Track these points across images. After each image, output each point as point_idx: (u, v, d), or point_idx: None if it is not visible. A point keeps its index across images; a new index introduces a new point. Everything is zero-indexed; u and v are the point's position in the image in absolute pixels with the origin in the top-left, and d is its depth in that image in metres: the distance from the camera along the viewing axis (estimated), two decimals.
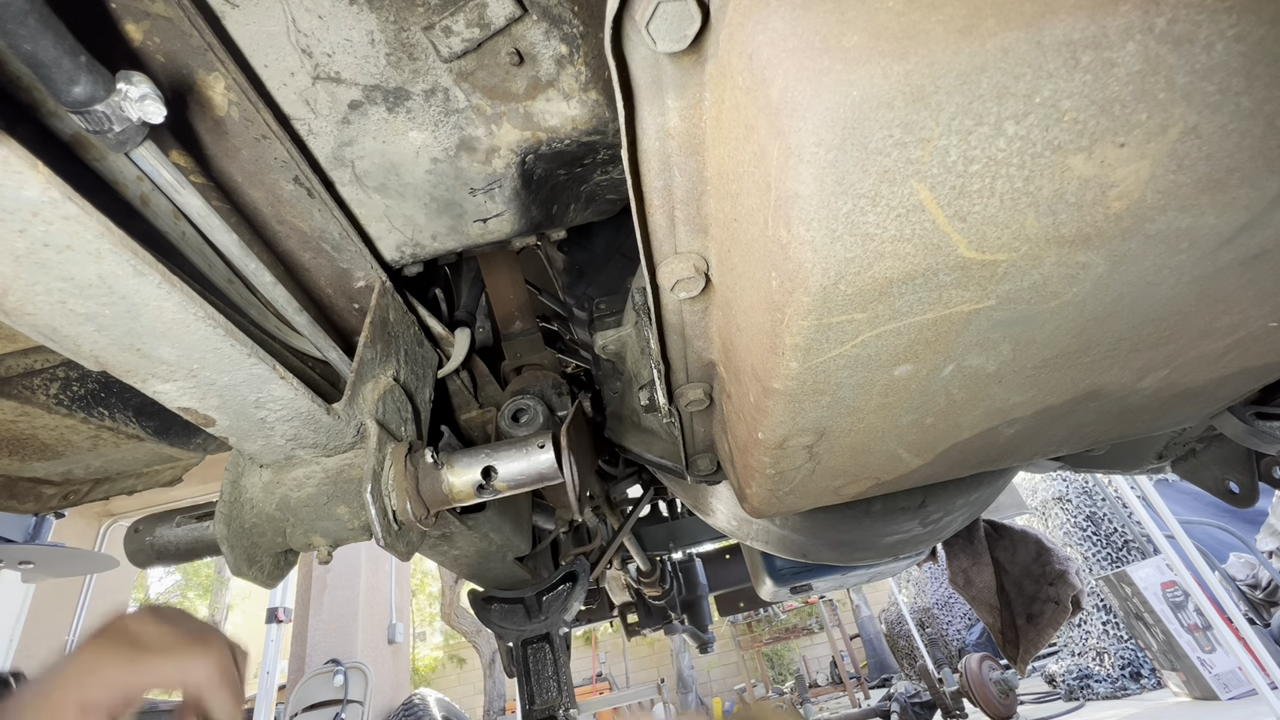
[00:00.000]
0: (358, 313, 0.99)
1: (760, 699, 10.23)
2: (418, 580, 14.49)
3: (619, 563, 3.73)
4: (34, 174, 0.46)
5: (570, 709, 1.65)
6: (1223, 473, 1.38)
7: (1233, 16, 0.39)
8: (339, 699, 5.93)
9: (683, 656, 11.67)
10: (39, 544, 3.20)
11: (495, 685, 9.83)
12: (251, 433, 0.73)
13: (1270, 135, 0.45)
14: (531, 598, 1.67)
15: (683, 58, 0.48)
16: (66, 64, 0.49)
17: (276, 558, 0.84)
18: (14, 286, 0.50)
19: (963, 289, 0.54)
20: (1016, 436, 0.87)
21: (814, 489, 0.94)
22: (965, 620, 9.32)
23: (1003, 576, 3.06)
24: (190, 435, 1.23)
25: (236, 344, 0.61)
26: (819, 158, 0.43)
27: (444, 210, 0.88)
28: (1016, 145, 0.44)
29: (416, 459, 0.87)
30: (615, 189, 0.99)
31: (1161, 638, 5.37)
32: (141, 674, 0.63)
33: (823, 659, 12.36)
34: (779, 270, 0.52)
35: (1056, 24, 0.39)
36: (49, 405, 1.03)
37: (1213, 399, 0.90)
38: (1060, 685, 6.70)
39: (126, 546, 0.95)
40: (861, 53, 0.40)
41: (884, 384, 0.66)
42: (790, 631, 11.91)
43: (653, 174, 0.58)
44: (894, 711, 6.63)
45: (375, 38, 0.70)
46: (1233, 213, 0.50)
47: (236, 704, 0.67)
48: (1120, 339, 0.66)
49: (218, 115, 0.71)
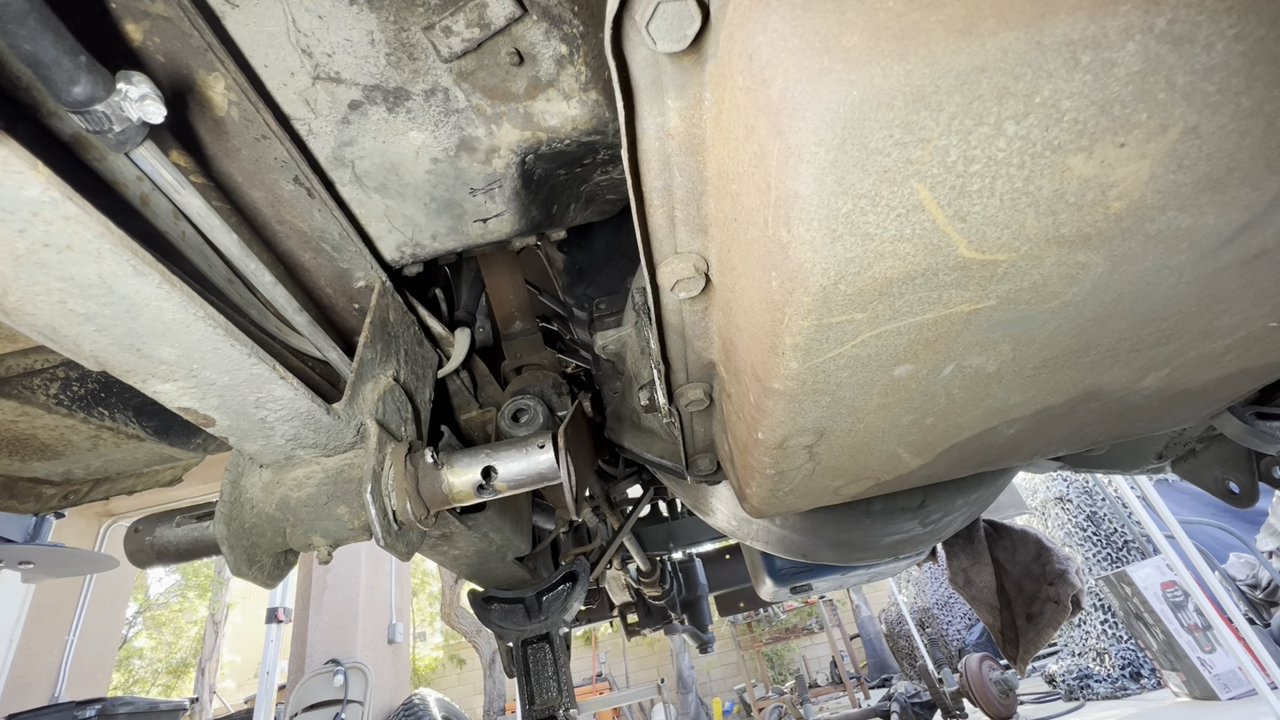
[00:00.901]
0: (358, 313, 0.99)
1: (760, 699, 10.23)
2: (418, 580, 14.50)
3: (619, 563, 3.73)
4: (34, 174, 0.46)
5: (570, 709, 1.65)
6: (1223, 473, 1.38)
7: (1232, 17, 0.39)
8: (339, 699, 5.93)
9: (683, 656, 11.67)
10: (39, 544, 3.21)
11: (495, 685, 9.83)
12: (251, 433, 0.73)
13: (1270, 135, 0.45)
14: (531, 598, 1.67)
15: (683, 58, 0.48)
16: (66, 64, 0.49)
17: (276, 558, 0.84)
18: (14, 286, 0.50)
19: (963, 289, 0.54)
20: (1016, 436, 0.87)
21: (814, 489, 0.94)
22: (965, 620, 9.32)
23: (1003, 576, 3.06)
24: (190, 435, 1.23)
25: (236, 344, 0.61)
26: (819, 158, 0.43)
27: (444, 210, 0.88)
28: (1016, 145, 0.44)
29: (416, 459, 0.87)
30: (615, 189, 0.99)
31: (1161, 638, 5.37)
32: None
33: (823, 659, 12.37)
34: (779, 270, 0.51)
35: (1056, 24, 0.39)
36: (49, 405, 1.03)
37: (1213, 399, 0.90)
38: (1060, 685, 6.70)
39: (126, 546, 0.95)
40: (861, 53, 0.40)
41: (884, 384, 0.66)
42: (790, 631, 11.91)
43: (653, 174, 0.58)
44: (894, 711, 6.62)
45: (375, 38, 0.70)
46: (1233, 213, 0.50)
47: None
48: (1120, 339, 0.66)
49: (218, 115, 0.71)
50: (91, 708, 4.48)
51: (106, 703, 4.59)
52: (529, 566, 1.67)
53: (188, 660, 14.74)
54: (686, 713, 11.19)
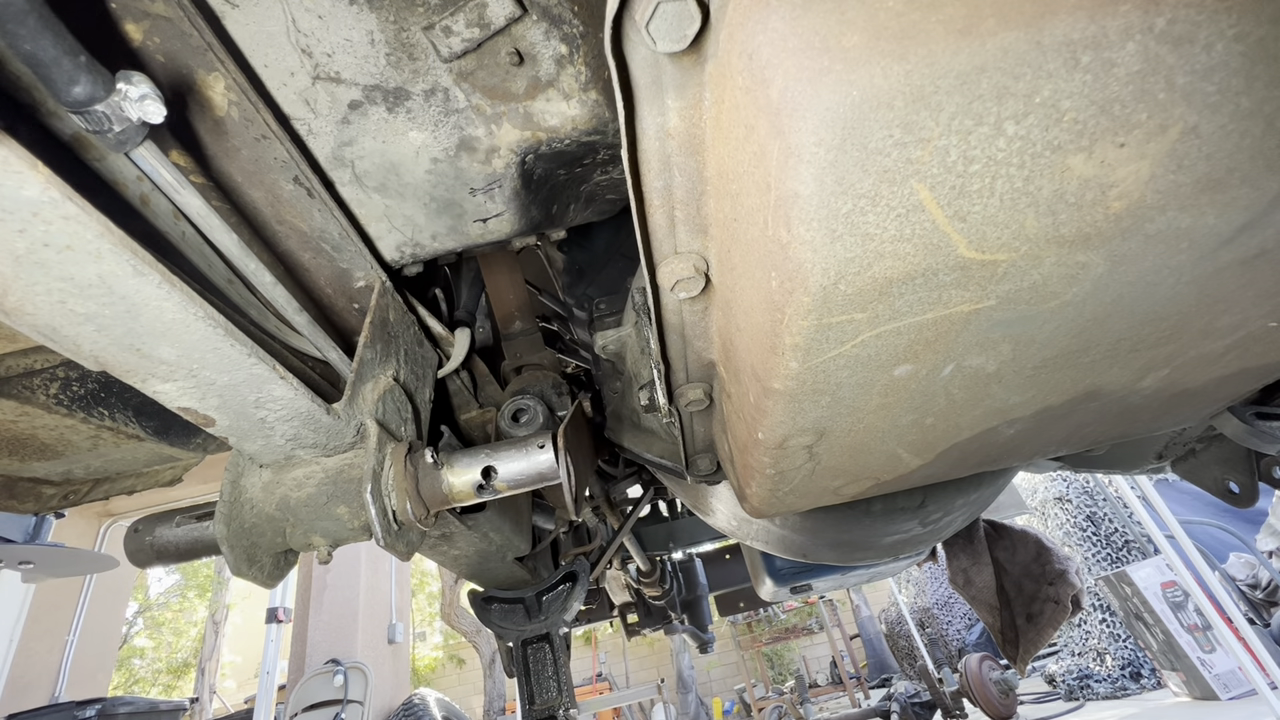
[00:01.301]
0: (358, 313, 0.99)
1: (760, 699, 10.23)
2: (418, 580, 14.49)
3: (619, 563, 3.73)
4: (34, 174, 0.46)
5: (570, 709, 1.65)
6: (1223, 473, 1.38)
7: (1232, 17, 0.39)
8: (339, 699, 5.93)
9: (683, 656, 11.67)
10: (39, 544, 3.20)
11: (495, 685, 9.83)
12: (251, 433, 0.73)
13: (1270, 135, 0.45)
14: (531, 598, 1.67)
15: (682, 58, 0.48)
16: (66, 64, 0.49)
17: (276, 557, 0.84)
18: (14, 286, 0.50)
19: (963, 289, 0.54)
20: (1016, 436, 0.87)
21: (814, 489, 0.94)
22: (965, 620, 9.32)
23: (1002, 576, 3.05)
24: (190, 435, 1.23)
25: (236, 344, 0.61)
26: (819, 158, 0.43)
27: (444, 210, 0.88)
28: (1016, 145, 0.44)
29: (416, 459, 0.87)
30: (615, 189, 0.99)
31: (1161, 638, 5.37)
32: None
33: (823, 659, 12.37)
34: (779, 270, 0.51)
35: (1056, 24, 0.39)
36: (49, 405, 1.03)
37: (1213, 399, 0.90)
38: (1060, 685, 6.71)
39: (126, 546, 0.95)
40: (861, 53, 0.40)
41: (884, 384, 0.66)
42: (790, 631, 11.91)
43: (653, 174, 0.58)
44: (894, 711, 6.62)
45: (375, 38, 0.70)
46: (1233, 212, 0.50)
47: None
48: (1120, 339, 0.66)
49: (217, 115, 0.71)
50: (91, 708, 4.48)
51: (106, 703, 4.60)
52: (529, 566, 1.67)
53: (188, 660, 14.75)
54: (686, 713, 11.19)
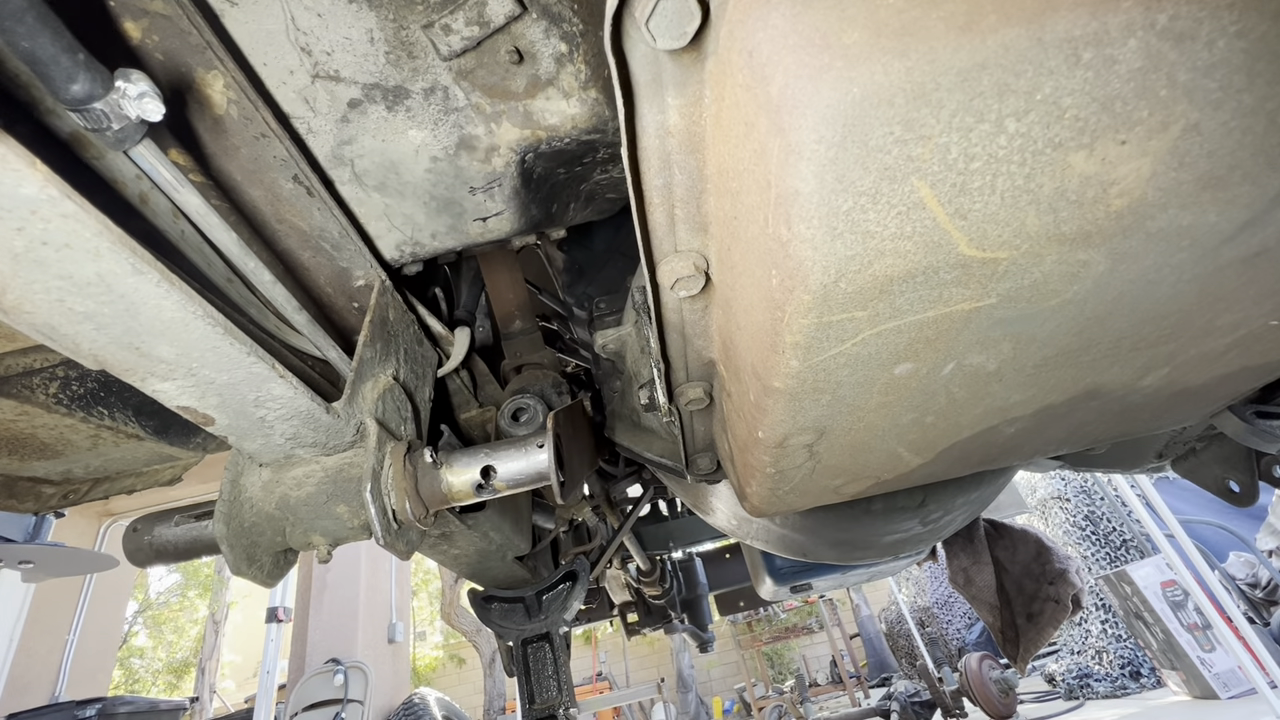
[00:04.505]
0: (357, 311, 0.99)
1: (760, 698, 10.23)
2: (418, 580, 14.50)
3: (619, 562, 3.73)
4: (32, 172, 0.45)
5: (570, 708, 1.65)
6: (1223, 471, 1.38)
7: (1234, 13, 0.39)
8: (339, 698, 5.93)
9: (683, 656, 11.68)
10: (39, 543, 3.20)
11: (495, 685, 9.83)
12: (251, 431, 0.73)
13: (1272, 132, 0.45)
14: (531, 597, 1.67)
15: (683, 55, 0.48)
16: (64, 61, 0.49)
17: (276, 556, 0.84)
18: (12, 285, 0.50)
19: (963, 287, 0.54)
20: (1017, 435, 0.87)
21: (814, 488, 0.94)
22: (965, 619, 9.32)
23: (1003, 575, 3.06)
24: (190, 434, 1.23)
25: (235, 342, 0.61)
26: (819, 155, 0.43)
27: (443, 209, 0.88)
28: (1018, 142, 0.44)
29: (416, 458, 0.87)
30: (615, 187, 0.99)
31: (1161, 637, 5.38)
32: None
33: (823, 658, 12.37)
34: (779, 268, 0.51)
35: (1058, 20, 0.39)
36: (48, 404, 1.03)
37: (1213, 397, 0.89)
38: (1060, 684, 6.71)
39: (126, 546, 0.95)
40: (862, 50, 0.40)
41: (884, 382, 0.66)
42: (790, 631, 11.91)
43: (653, 172, 0.58)
44: (894, 711, 6.62)
45: (374, 36, 0.70)
46: (1234, 210, 0.50)
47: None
48: (1121, 337, 0.66)
49: (217, 113, 0.71)
50: (91, 707, 4.49)
51: (106, 702, 4.60)
52: (529, 566, 1.67)
53: (188, 660, 14.76)
54: (686, 712, 11.19)
